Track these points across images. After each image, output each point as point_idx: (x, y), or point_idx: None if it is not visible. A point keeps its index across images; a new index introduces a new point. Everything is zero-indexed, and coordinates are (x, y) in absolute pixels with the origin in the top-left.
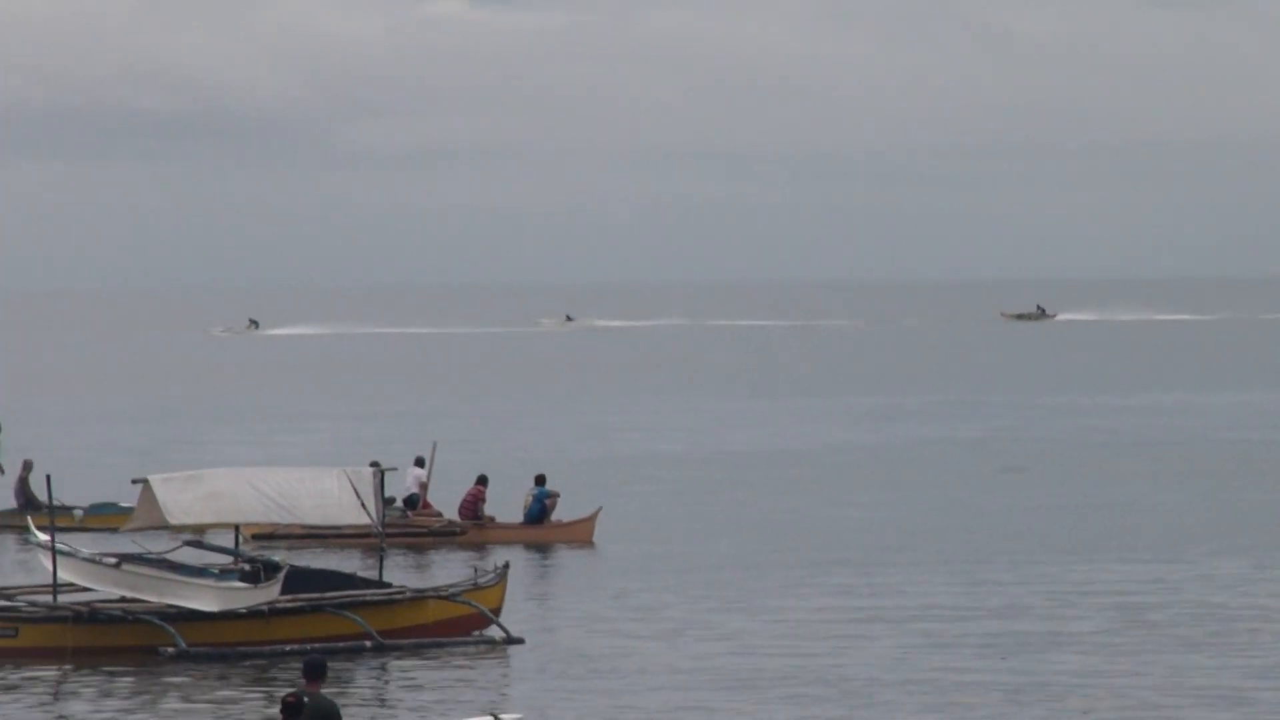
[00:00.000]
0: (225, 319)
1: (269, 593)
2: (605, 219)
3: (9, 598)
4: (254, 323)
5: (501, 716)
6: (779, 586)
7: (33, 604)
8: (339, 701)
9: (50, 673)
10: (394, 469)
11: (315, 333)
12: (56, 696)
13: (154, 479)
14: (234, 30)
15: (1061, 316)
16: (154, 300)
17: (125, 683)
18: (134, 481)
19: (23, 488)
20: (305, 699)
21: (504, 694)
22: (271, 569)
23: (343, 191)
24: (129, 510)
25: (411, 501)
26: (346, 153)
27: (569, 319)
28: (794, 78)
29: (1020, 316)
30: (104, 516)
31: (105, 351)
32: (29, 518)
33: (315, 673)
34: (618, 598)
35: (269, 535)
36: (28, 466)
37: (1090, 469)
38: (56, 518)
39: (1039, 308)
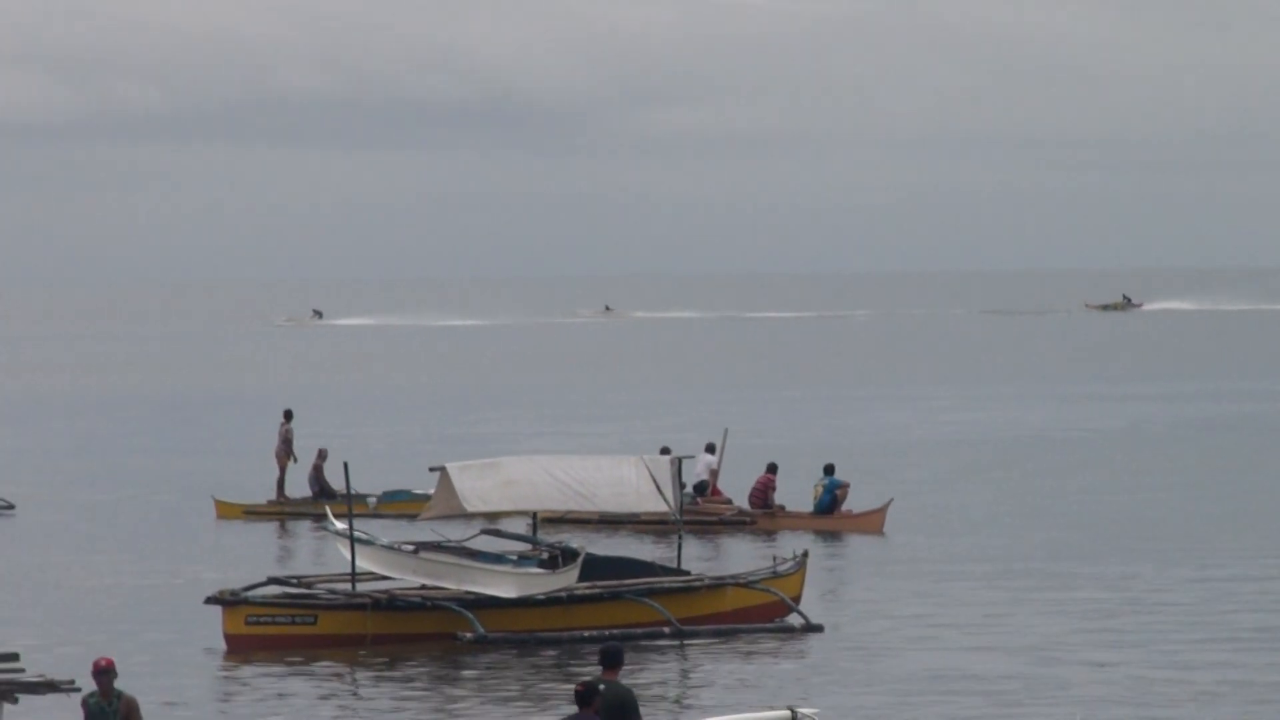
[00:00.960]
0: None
1: (567, 579)
2: (895, 207)
3: (308, 586)
4: (318, 313)
5: (800, 710)
6: (1079, 577)
7: (332, 592)
8: (636, 690)
9: (348, 660)
10: (690, 457)
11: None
12: (355, 683)
13: (451, 467)
14: (523, 18)
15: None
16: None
17: (423, 669)
18: (431, 469)
19: (318, 476)
20: (601, 686)
21: (801, 683)
22: (569, 555)
23: (631, 179)
24: (422, 498)
25: (701, 488)
26: (636, 141)
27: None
28: (1082, 64)
29: (1105, 308)
30: (398, 504)
31: (400, 340)
32: (326, 506)
33: (612, 660)
34: (912, 589)
35: (557, 521)
36: (322, 455)
37: None
38: (339, 505)
39: (1125, 297)
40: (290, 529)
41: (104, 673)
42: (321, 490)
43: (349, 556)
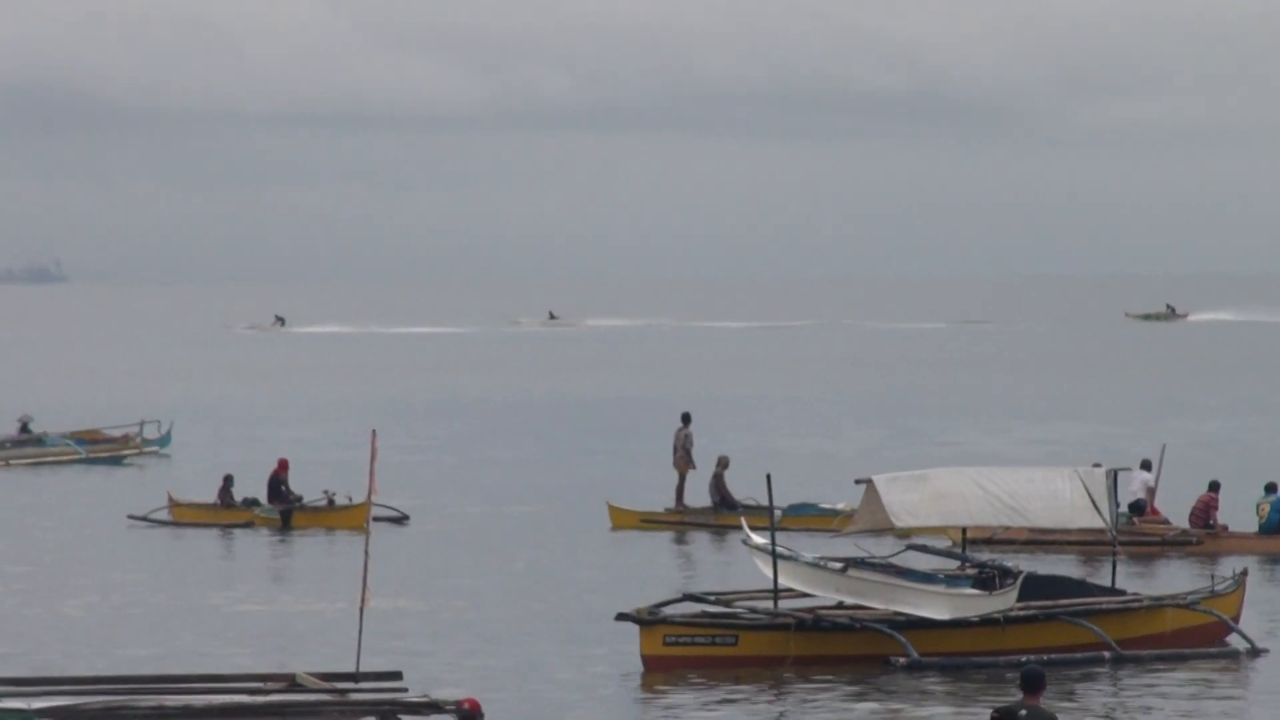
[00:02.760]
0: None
1: (1005, 601)
2: None
3: (727, 604)
4: (280, 319)
5: None
6: None
7: (753, 610)
8: (1063, 716)
9: (771, 682)
10: (1126, 469)
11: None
12: (779, 706)
13: (879, 479)
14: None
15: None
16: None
17: (849, 692)
18: (857, 481)
19: (718, 485)
20: (1022, 712)
21: (1245, 714)
22: (1007, 575)
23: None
24: (829, 512)
25: (1137, 508)
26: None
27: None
28: None
29: (1146, 317)
30: (802, 518)
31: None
32: (743, 519)
33: (1033, 684)
34: None
35: (986, 540)
36: (723, 463)
37: None
38: (754, 517)
39: (1168, 307)
40: (689, 539)
41: (470, 717)
42: (722, 500)
43: (769, 572)
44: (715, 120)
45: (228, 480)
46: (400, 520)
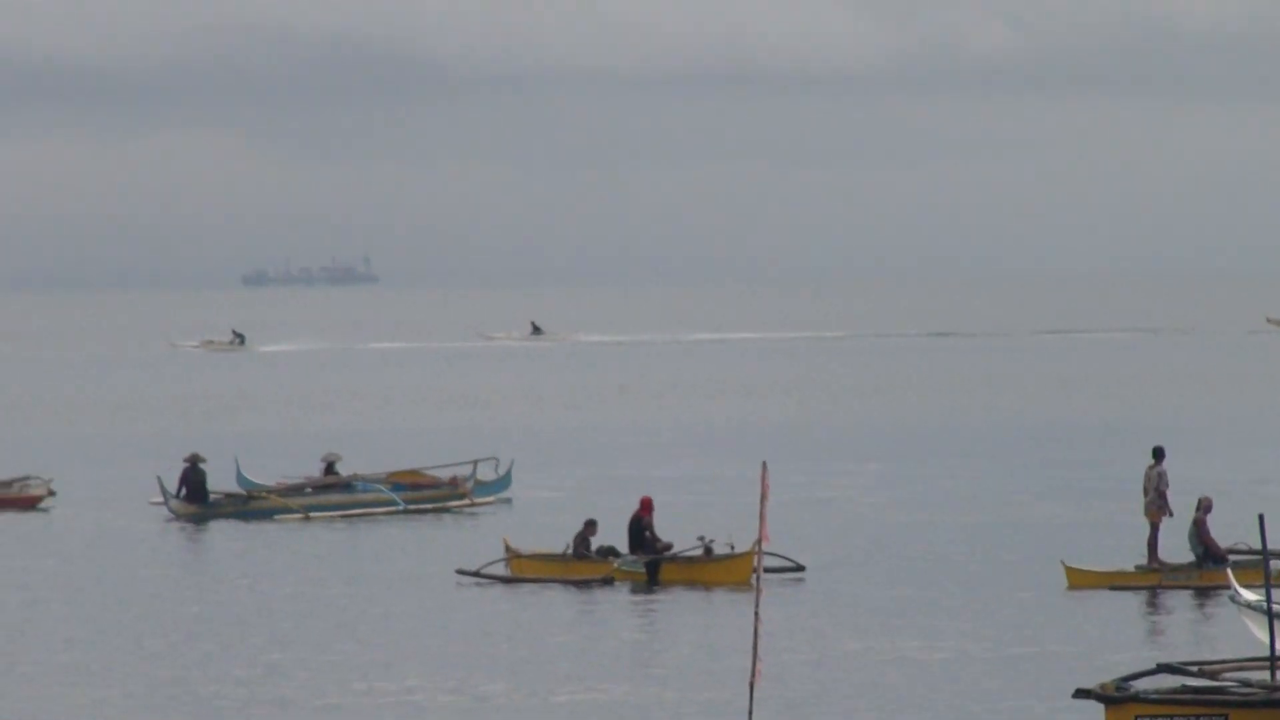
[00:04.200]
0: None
1: None
2: None
3: (1212, 675)
4: (239, 336)
5: None
6: None
7: (1246, 684)
8: None
9: None
10: None
11: None
12: None
13: None
14: None
15: None
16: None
17: None
18: None
19: (1199, 532)
20: None
21: None
22: None
23: None
24: None
25: None
26: None
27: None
28: None
29: None
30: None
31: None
32: (1229, 572)
33: None
34: None
35: None
36: (1203, 506)
37: None
38: (1246, 570)
39: None
40: (1163, 599)
41: None
42: (1206, 552)
43: (1265, 636)
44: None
45: (589, 526)
46: (795, 571)
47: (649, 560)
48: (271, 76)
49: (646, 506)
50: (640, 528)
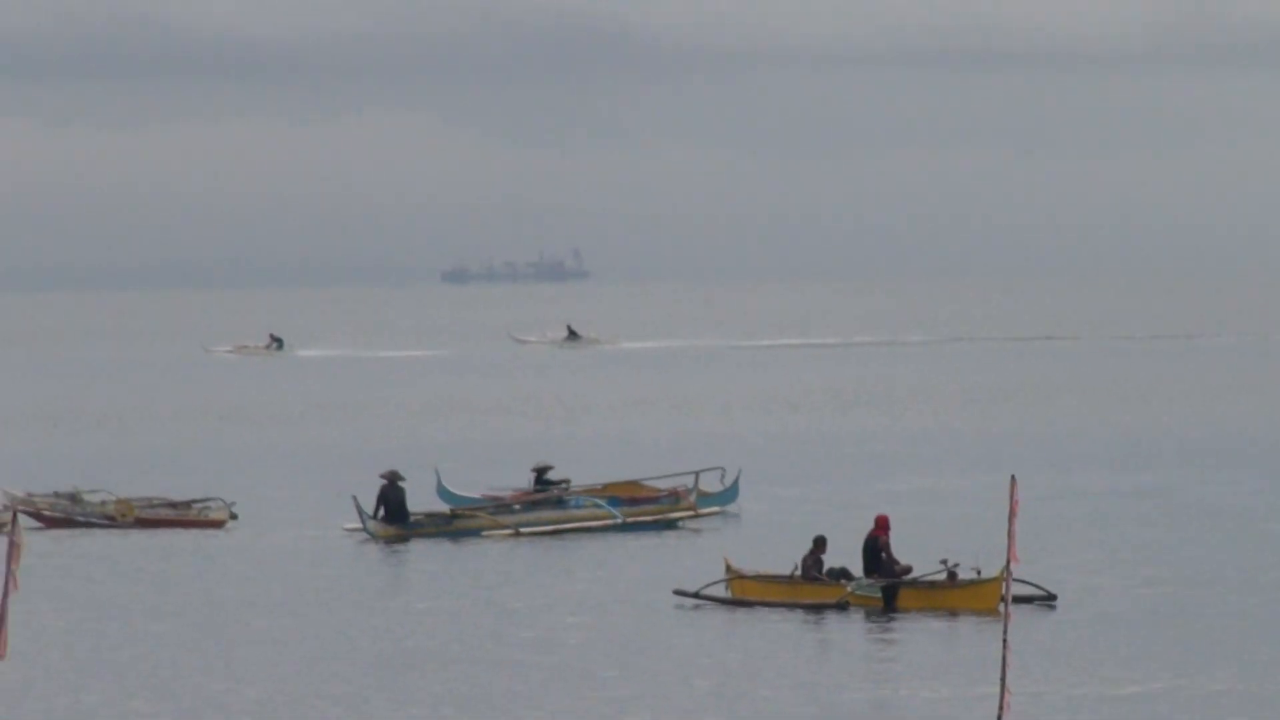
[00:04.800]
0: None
1: None
2: None
3: None
4: (277, 341)
5: None
6: None
7: None
8: None
9: None
10: None
11: None
12: None
13: None
14: None
15: None
16: None
17: None
18: None
19: None
20: None
21: None
22: None
23: None
24: None
25: None
26: None
27: None
28: None
29: None
30: None
31: None
32: None
33: None
34: None
35: None
36: None
37: None
38: None
39: None
40: None
41: None
42: None
43: None
44: None
45: (818, 544)
46: (1047, 600)
47: (886, 584)
48: (467, 52)
49: (882, 525)
50: (876, 548)
